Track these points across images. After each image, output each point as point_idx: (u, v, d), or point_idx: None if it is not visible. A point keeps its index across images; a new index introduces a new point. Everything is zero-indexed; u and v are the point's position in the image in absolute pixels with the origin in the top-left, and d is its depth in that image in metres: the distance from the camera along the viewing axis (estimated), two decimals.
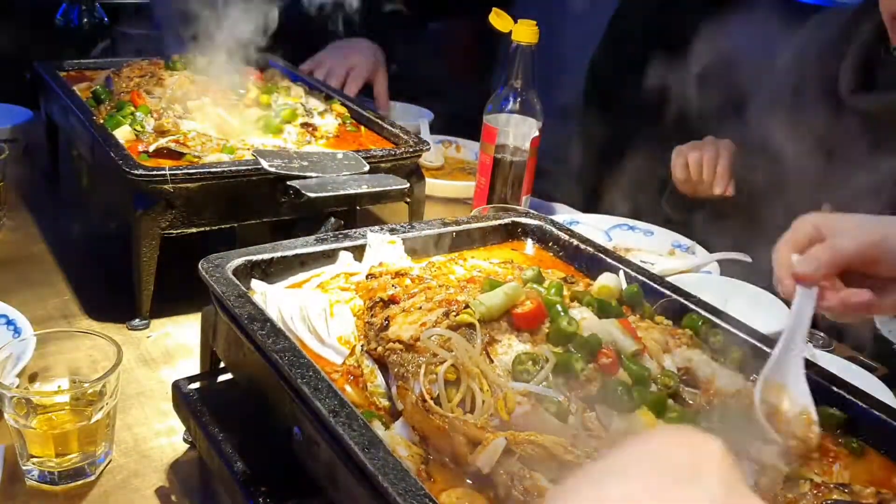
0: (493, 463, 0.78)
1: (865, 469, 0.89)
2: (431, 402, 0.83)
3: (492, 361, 0.89)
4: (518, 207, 1.55)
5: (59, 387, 1.07)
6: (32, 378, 1.05)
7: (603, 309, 1.02)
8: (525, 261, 1.23)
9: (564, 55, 2.40)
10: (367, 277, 1.07)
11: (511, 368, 0.88)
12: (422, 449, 0.83)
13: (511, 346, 0.91)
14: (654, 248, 1.82)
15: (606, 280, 1.12)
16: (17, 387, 1.02)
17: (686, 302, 1.11)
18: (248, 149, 1.51)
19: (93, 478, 1.03)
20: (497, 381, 0.85)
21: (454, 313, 0.93)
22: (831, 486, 0.82)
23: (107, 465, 1.06)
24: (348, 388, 0.92)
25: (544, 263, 1.23)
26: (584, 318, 0.98)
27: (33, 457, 1.00)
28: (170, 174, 1.31)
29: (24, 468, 1.01)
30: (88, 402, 1.01)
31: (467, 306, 0.93)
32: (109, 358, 1.03)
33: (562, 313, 0.95)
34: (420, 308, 0.96)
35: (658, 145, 1.89)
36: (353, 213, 1.38)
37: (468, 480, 0.80)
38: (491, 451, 0.78)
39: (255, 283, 1.05)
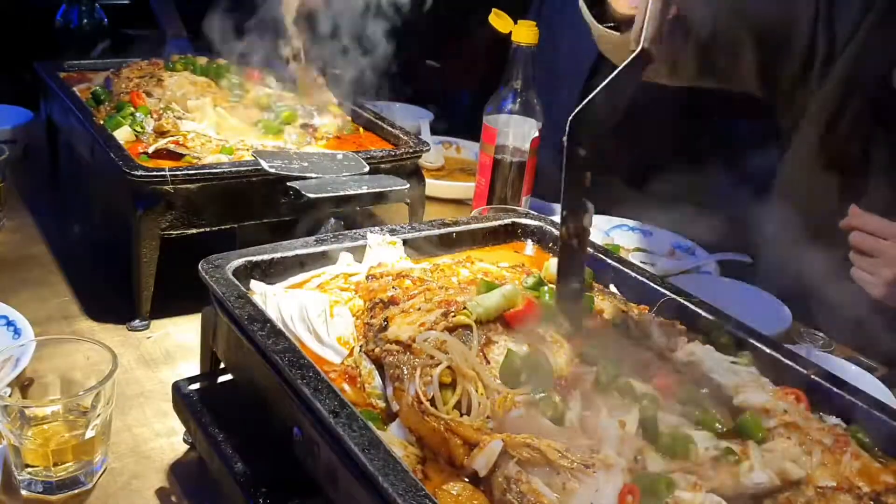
0: (490, 465, 0.77)
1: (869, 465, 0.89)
2: (427, 405, 0.84)
3: (488, 363, 0.89)
4: (518, 208, 1.55)
5: (51, 399, 1.05)
6: (25, 387, 1.04)
7: None
8: (534, 264, 1.23)
9: (568, 55, 2.40)
10: (366, 278, 1.07)
11: None
12: (418, 449, 0.83)
13: (507, 348, 0.91)
14: (654, 248, 1.82)
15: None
16: (10, 396, 1.01)
17: (686, 302, 1.11)
18: (248, 149, 1.51)
19: (89, 486, 1.02)
20: (492, 384, 0.85)
21: (452, 314, 0.93)
22: (833, 487, 0.82)
23: (103, 473, 1.05)
24: (346, 388, 0.93)
25: (539, 266, 1.23)
26: None
27: (28, 466, 0.99)
28: (170, 175, 1.31)
29: (19, 478, 1.00)
30: (82, 413, 1.01)
31: (466, 307, 0.93)
32: (105, 365, 1.02)
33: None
34: (419, 309, 0.96)
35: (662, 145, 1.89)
36: (353, 214, 1.38)
37: (465, 481, 0.80)
38: (487, 454, 0.77)
39: (254, 284, 1.05)
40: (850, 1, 1.55)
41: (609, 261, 1.22)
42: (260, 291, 1.04)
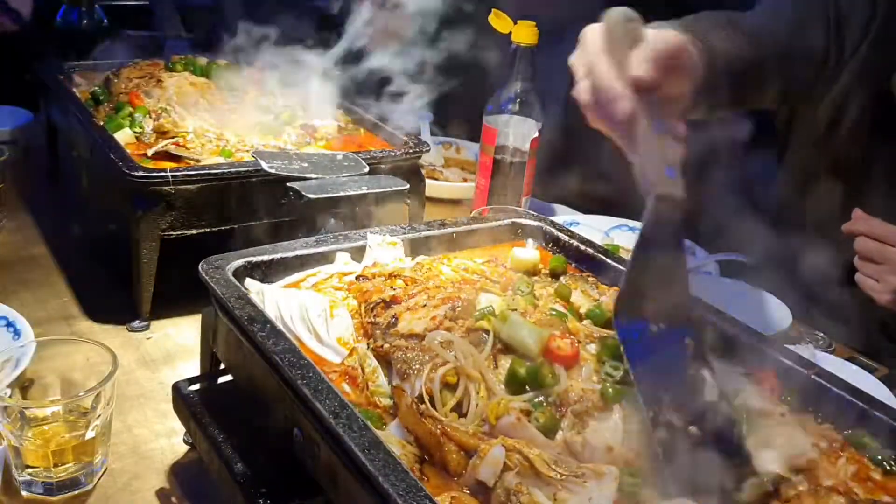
0: (497, 474, 0.76)
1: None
2: (427, 406, 0.83)
3: (496, 367, 0.89)
4: (518, 208, 1.55)
5: (51, 399, 1.05)
6: (26, 388, 1.04)
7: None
8: (506, 258, 1.22)
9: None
10: (357, 279, 1.07)
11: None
12: (416, 448, 0.83)
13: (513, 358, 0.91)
14: None
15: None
16: (10, 397, 1.00)
17: None
18: (248, 150, 1.51)
19: (89, 487, 1.02)
20: (495, 389, 0.85)
21: (459, 308, 0.94)
22: (829, 487, 0.82)
23: (103, 473, 1.05)
24: (346, 388, 0.93)
25: (544, 264, 1.23)
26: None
27: (28, 467, 0.99)
28: (170, 176, 1.31)
29: (19, 479, 1.00)
30: (82, 414, 1.00)
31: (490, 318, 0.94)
32: (105, 366, 1.02)
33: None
34: (424, 306, 0.97)
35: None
36: (352, 215, 1.38)
37: (464, 492, 0.79)
38: (491, 463, 0.76)
39: (250, 283, 1.05)
40: (857, 10, 1.55)
41: (609, 261, 1.22)
42: (256, 290, 1.04)
